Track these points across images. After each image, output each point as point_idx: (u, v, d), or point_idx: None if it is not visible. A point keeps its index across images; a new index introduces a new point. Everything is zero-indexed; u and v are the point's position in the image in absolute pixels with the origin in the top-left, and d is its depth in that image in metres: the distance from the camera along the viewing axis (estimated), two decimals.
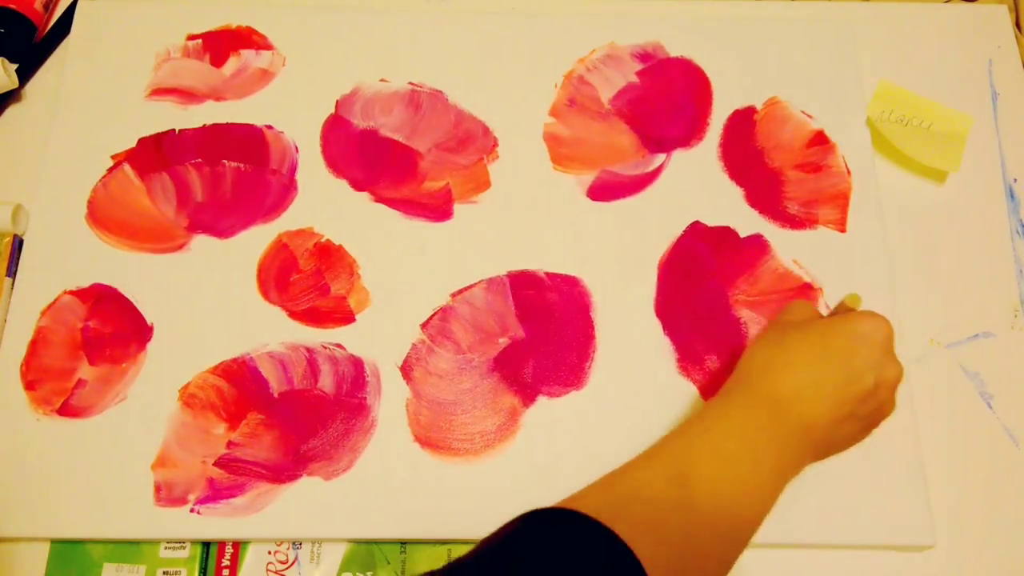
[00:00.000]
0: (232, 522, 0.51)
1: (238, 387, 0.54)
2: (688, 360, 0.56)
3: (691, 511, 0.37)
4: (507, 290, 0.57)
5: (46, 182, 0.60)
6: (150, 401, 0.54)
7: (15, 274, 0.57)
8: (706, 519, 0.37)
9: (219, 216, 0.59)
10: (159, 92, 0.63)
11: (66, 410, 0.53)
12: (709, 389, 0.55)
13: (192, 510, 0.51)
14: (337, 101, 0.63)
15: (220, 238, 0.59)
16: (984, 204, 0.62)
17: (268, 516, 0.51)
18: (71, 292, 0.56)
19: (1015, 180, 0.63)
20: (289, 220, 0.59)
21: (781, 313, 0.49)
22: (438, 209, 0.60)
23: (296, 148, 0.61)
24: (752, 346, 0.46)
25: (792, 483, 0.52)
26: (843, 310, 0.48)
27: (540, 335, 0.56)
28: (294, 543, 0.52)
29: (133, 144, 0.61)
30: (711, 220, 0.60)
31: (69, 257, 0.57)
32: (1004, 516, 0.54)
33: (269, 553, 0.51)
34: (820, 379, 0.42)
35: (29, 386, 0.54)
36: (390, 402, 0.54)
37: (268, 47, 0.65)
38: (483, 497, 0.52)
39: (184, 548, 0.51)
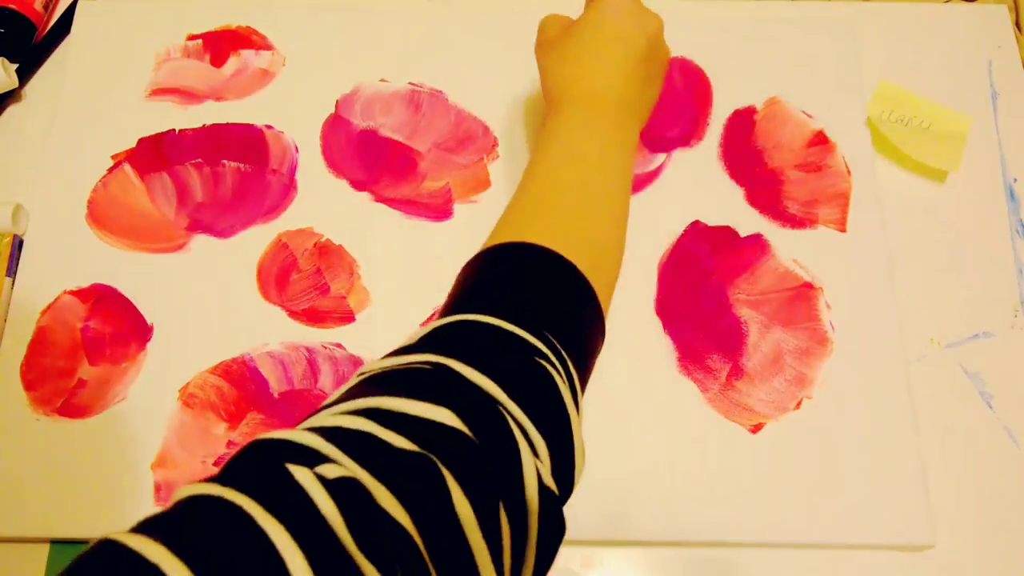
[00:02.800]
0: None
1: (238, 387, 0.54)
2: (688, 359, 0.56)
3: (583, 206, 0.43)
4: None
5: (46, 182, 0.60)
6: (150, 401, 0.54)
7: (15, 274, 0.57)
8: (595, 205, 0.44)
9: (219, 216, 0.59)
10: (159, 92, 0.63)
11: (66, 410, 0.53)
12: (709, 388, 0.55)
13: None
14: (337, 101, 0.63)
15: (220, 238, 0.59)
16: (984, 204, 0.62)
17: None
18: (71, 292, 0.56)
19: (1015, 180, 0.63)
20: (289, 220, 0.59)
21: (538, 39, 0.52)
22: (438, 209, 0.60)
23: (296, 148, 0.61)
24: (544, 75, 0.51)
25: (792, 483, 0.52)
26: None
27: None
28: None
29: (133, 144, 0.61)
30: (711, 220, 0.60)
31: (69, 257, 0.57)
32: (1004, 516, 0.54)
33: None
34: (609, 63, 0.47)
35: (29, 386, 0.54)
36: None
37: (268, 47, 0.65)
38: None
39: None
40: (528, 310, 0.37)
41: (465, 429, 0.30)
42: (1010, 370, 0.57)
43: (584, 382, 0.39)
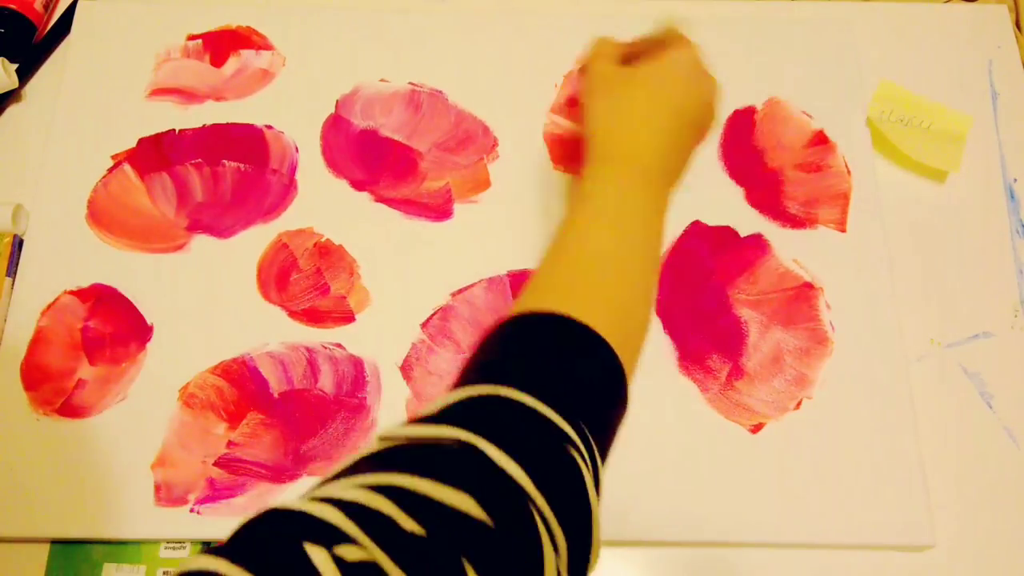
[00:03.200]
0: (232, 522, 0.50)
1: (238, 387, 0.54)
2: (688, 359, 0.56)
3: (616, 280, 0.42)
4: (507, 290, 0.57)
5: (46, 182, 0.60)
6: (150, 401, 0.54)
7: (15, 274, 0.57)
8: (629, 280, 0.43)
9: (219, 216, 0.59)
10: (159, 92, 0.63)
11: (66, 410, 0.53)
12: (709, 388, 0.55)
13: (192, 510, 0.51)
14: (337, 101, 0.63)
15: (220, 238, 0.59)
16: (984, 204, 0.62)
17: None
18: (71, 292, 0.56)
19: (1015, 180, 0.63)
20: (289, 220, 0.59)
21: (589, 75, 0.51)
22: (438, 209, 0.60)
23: (296, 148, 0.61)
24: (588, 118, 0.49)
25: (792, 483, 0.52)
26: (656, 41, 0.50)
27: None
28: None
29: (133, 144, 0.61)
30: (711, 220, 0.60)
31: (69, 257, 0.57)
32: (1004, 516, 0.54)
33: None
34: (659, 129, 0.47)
35: (29, 386, 0.54)
36: (390, 402, 0.54)
37: (268, 47, 0.65)
38: None
39: (184, 548, 0.51)
40: (564, 392, 0.35)
41: (488, 520, 0.29)
42: (1010, 370, 0.57)
43: (604, 467, 0.38)
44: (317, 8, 0.66)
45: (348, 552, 0.26)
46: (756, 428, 0.54)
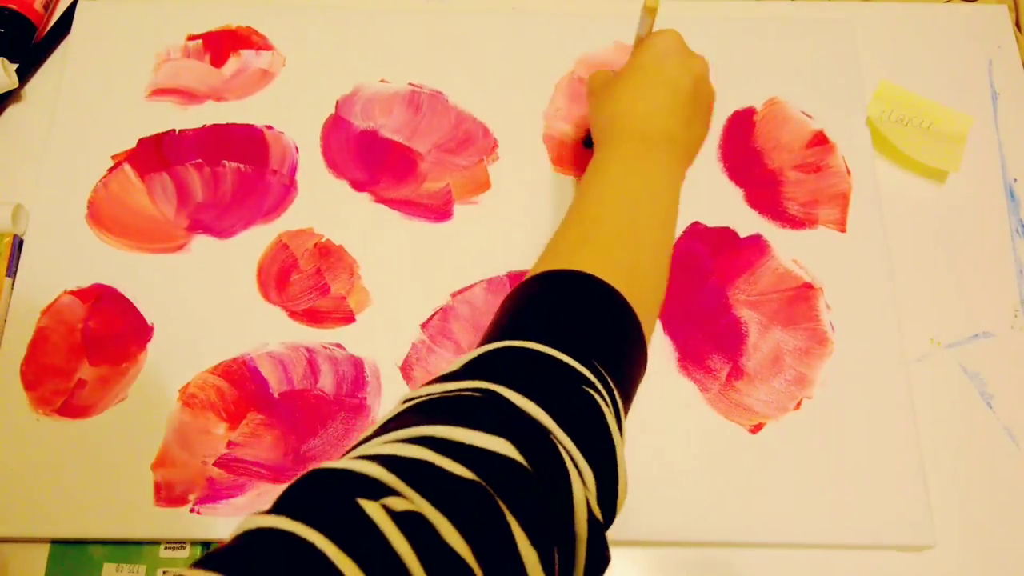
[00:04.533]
0: (232, 522, 0.51)
1: (238, 387, 0.54)
2: (688, 360, 0.56)
3: (629, 240, 0.43)
4: (507, 290, 0.57)
5: (46, 182, 0.60)
6: (150, 401, 0.54)
7: (15, 274, 0.57)
8: (641, 239, 0.44)
9: (219, 216, 0.59)
10: (159, 92, 0.63)
11: (66, 410, 0.53)
12: (709, 389, 0.55)
13: (192, 510, 0.51)
14: (337, 101, 0.63)
15: (220, 238, 0.59)
16: (984, 204, 0.62)
17: None
18: (71, 292, 0.56)
19: (1015, 180, 0.63)
20: (289, 220, 0.59)
21: (589, 87, 0.55)
22: (438, 209, 0.60)
23: (296, 148, 0.61)
24: (592, 117, 0.52)
25: (792, 483, 0.52)
26: (642, 23, 0.52)
27: None
28: None
29: (133, 144, 0.61)
30: (711, 220, 0.60)
31: (69, 257, 0.57)
32: (1004, 516, 0.54)
33: None
34: (655, 101, 0.49)
35: (29, 386, 0.54)
36: (390, 402, 0.54)
37: (268, 47, 0.65)
38: None
39: (184, 548, 0.51)
40: (576, 338, 0.37)
41: (522, 460, 0.30)
42: (1010, 370, 0.57)
43: (627, 410, 0.39)
44: (317, 8, 0.66)
45: (395, 503, 0.26)
46: (756, 428, 0.54)
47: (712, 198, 0.61)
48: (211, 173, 0.60)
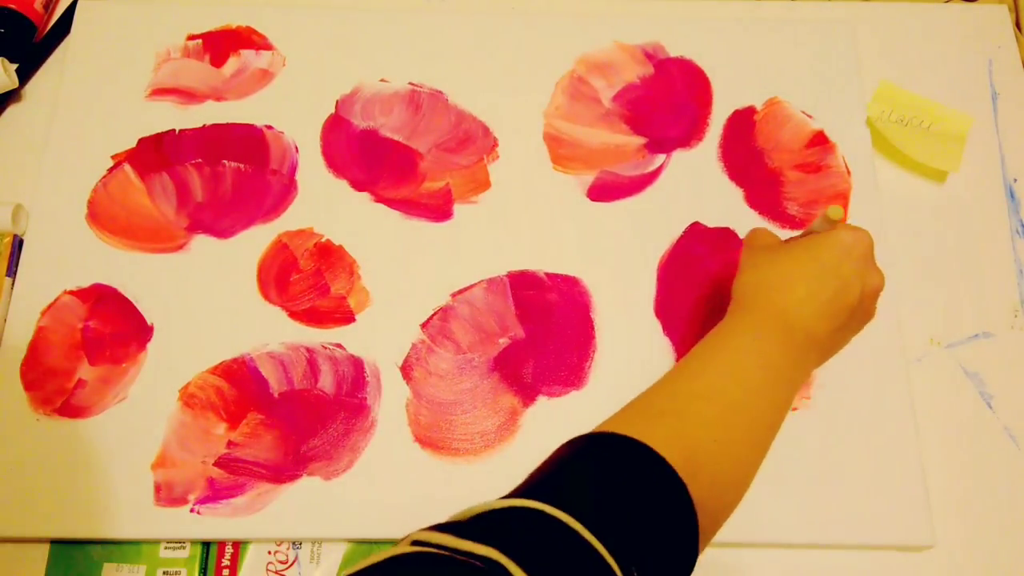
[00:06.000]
0: (232, 522, 0.51)
1: (238, 387, 0.54)
2: None
3: (716, 423, 0.39)
4: (507, 290, 0.57)
5: (46, 182, 0.60)
6: (150, 401, 0.54)
7: (15, 274, 0.57)
8: (730, 429, 0.39)
9: (219, 216, 0.59)
10: (159, 92, 0.63)
11: (66, 410, 0.53)
12: None
13: (192, 510, 0.51)
14: (337, 101, 0.63)
15: (220, 238, 0.59)
16: (984, 204, 0.62)
17: (268, 516, 0.51)
18: (71, 292, 0.56)
19: (1015, 180, 0.63)
20: (289, 220, 0.59)
21: (748, 239, 0.50)
22: (438, 209, 0.60)
23: (296, 148, 0.61)
24: (742, 273, 0.48)
25: (792, 483, 0.52)
26: (822, 225, 0.48)
27: (540, 335, 0.56)
28: (294, 543, 0.52)
29: (133, 144, 0.61)
30: (711, 221, 0.60)
31: (69, 257, 0.57)
32: (1004, 516, 0.54)
33: (269, 553, 0.51)
34: (817, 293, 0.44)
35: (29, 386, 0.54)
36: (390, 402, 0.54)
37: (268, 47, 0.65)
38: (483, 497, 0.51)
39: (184, 548, 0.51)
40: (624, 532, 0.32)
41: None
42: (1010, 370, 0.57)
43: None
44: (317, 8, 0.66)
45: None
46: None
47: (712, 198, 0.61)
48: (211, 173, 0.60)
